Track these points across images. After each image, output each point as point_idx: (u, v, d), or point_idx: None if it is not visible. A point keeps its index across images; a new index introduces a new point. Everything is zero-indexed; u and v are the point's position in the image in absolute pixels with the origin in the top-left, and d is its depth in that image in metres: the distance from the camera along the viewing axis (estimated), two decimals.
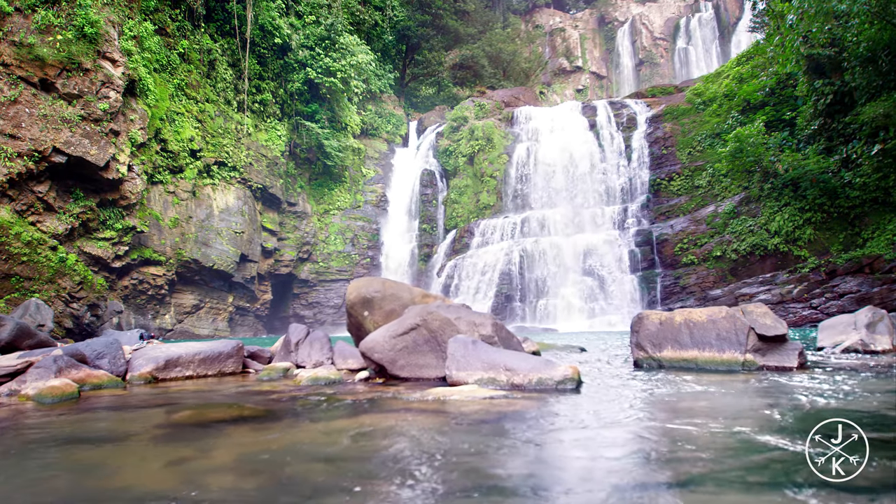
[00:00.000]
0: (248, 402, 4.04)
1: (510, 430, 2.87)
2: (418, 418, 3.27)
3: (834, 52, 20.06)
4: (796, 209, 20.63)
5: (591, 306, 24.12)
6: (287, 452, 2.60)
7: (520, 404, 3.49)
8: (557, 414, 3.24)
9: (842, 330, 6.82)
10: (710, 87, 27.92)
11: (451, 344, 4.35)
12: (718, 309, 5.18)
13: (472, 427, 2.99)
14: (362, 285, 6.07)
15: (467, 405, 3.52)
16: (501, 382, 4.06)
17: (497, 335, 4.72)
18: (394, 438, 2.82)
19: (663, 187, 26.39)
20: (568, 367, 4.05)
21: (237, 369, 6.02)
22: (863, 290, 17.82)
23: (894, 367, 5.04)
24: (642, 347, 5.51)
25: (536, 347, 7.26)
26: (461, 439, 2.70)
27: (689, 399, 3.70)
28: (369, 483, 2.09)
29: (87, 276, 17.52)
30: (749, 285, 21.24)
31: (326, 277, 29.83)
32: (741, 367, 4.85)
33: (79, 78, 17.36)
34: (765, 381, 4.27)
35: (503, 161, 29.22)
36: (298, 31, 27.44)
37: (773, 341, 4.88)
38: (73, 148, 17.10)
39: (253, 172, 25.86)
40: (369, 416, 3.41)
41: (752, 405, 3.41)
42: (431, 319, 4.81)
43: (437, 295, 6.38)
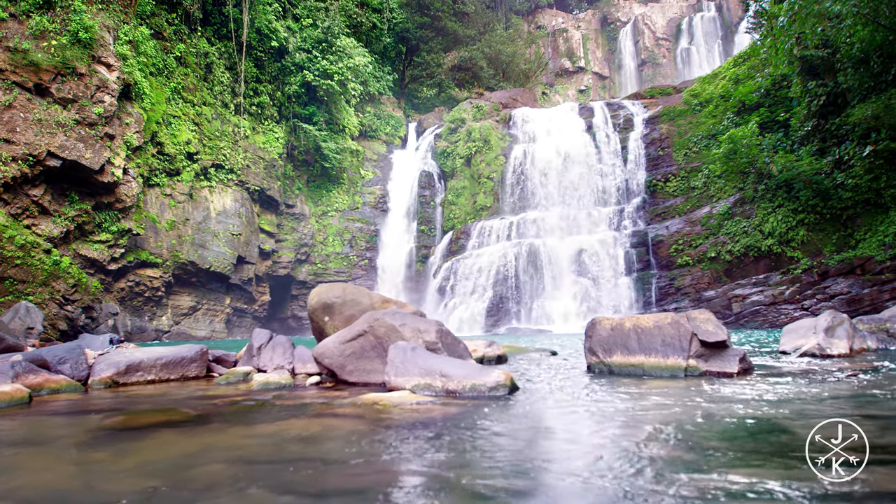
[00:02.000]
0: (189, 406, 4.16)
1: (419, 435, 2.97)
2: (339, 422, 3.37)
3: (827, 53, 20.03)
4: (789, 210, 20.61)
5: (586, 307, 24.14)
6: (196, 455, 2.72)
7: (442, 410, 3.58)
8: (474, 419, 3.33)
9: (802, 334, 6.88)
10: (706, 88, 27.90)
11: (391, 350, 4.45)
12: (665, 315, 5.25)
13: (384, 432, 3.09)
14: (323, 291, 6.18)
15: (392, 410, 3.62)
16: (437, 388, 4.16)
17: (441, 341, 4.82)
18: (304, 442, 2.93)
19: (659, 188, 26.39)
20: (501, 373, 4.15)
21: (201, 373, 6.14)
22: (853, 292, 17.78)
23: (836, 371, 5.10)
24: (594, 353, 5.60)
25: (503, 352, 7.35)
26: (365, 444, 2.80)
27: (614, 406, 3.79)
28: (258, 483, 2.21)
29: (82, 279, 17.74)
30: (742, 286, 21.22)
31: (325, 279, 29.95)
32: (684, 373, 4.93)
33: (73, 83, 17.58)
34: (699, 388, 4.34)
35: (500, 162, 29.29)
36: (295, 34, 27.60)
37: (715, 347, 4.95)
38: (68, 152, 17.32)
39: (250, 175, 26.05)
40: (295, 420, 3.52)
41: (668, 413, 3.49)
42: (378, 326, 4.91)
43: (397, 300, 6.48)
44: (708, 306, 22.00)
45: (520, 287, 24.69)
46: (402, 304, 6.34)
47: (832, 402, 3.60)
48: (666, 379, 4.88)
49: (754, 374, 5.05)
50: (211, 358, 6.53)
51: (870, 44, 18.31)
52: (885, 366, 5.39)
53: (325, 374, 5.24)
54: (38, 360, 5.29)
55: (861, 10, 17.17)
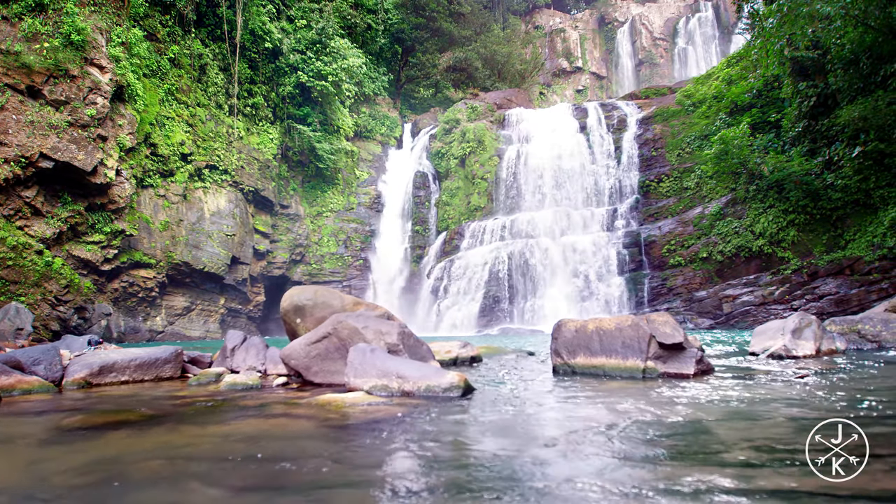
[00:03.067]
0: (151, 406, 4.26)
1: (358, 433, 3.06)
2: (289, 422, 3.48)
3: (817, 54, 20.11)
4: (780, 211, 20.69)
5: (578, 308, 24.22)
6: (141, 452, 2.83)
7: (389, 410, 3.68)
8: (417, 420, 3.42)
9: (771, 335, 6.96)
10: (700, 88, 27.99)
11: (351, 352, 4.55)
12: (626, 317, 5.35)
13: (327, 431, 3.19)
14: (295, 293, 6.28)
15: (343, 411, 3.72)
16: (393, 389, 4.26)
17: (403, 343, 4.92)
18: (247, 441, 3.03)
19: (652, 189, 26.47)
20: (455, 375, 4.24)
21: (175, 374, 6.24)
22: (841, 292, 17.87)
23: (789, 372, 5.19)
24: (559, 354, 5.69)
25: (477, 352, 7.44)
26: (305, 443, 2.90)
27: (559, 406, 3.88)
28: (189, 478, 2.33)
29: (74, 280, 17.85)
30: (733, 287, 21.30)
31: (319, 279, 30.08)
32: (642, 374, 5.02)
33: (66, 84, 17.68)
34: (650, 389, 4.44)
35: (494, 163, 29.39)
36: (289, 35, 27.71)
37: (672, 349, 5.04)
38: (61, 153, 17.43)
39: (244, 175, 26.15)
40: (248, 419, 3.62)
41: (606, 415, 3.59)
42: (341, 328, 5.01)
43: (368, 302, 6.58)
44: (699, 306, 22.13)
45: (513, 287, 24.79)
46: (374, 307, 6.43)
47: (767, 403, 3.69)
48: (625, 380, 4.97)
49: (713, 375, 5.14)
50: (186, 359, 6.63)
51: (860, 45, 18.38)
52: (841, 367, 5.49)
53: (293, 375, 5.34)
54: (12, 362, 5.39)
55: (850, 11, 17.25)
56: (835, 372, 5.14)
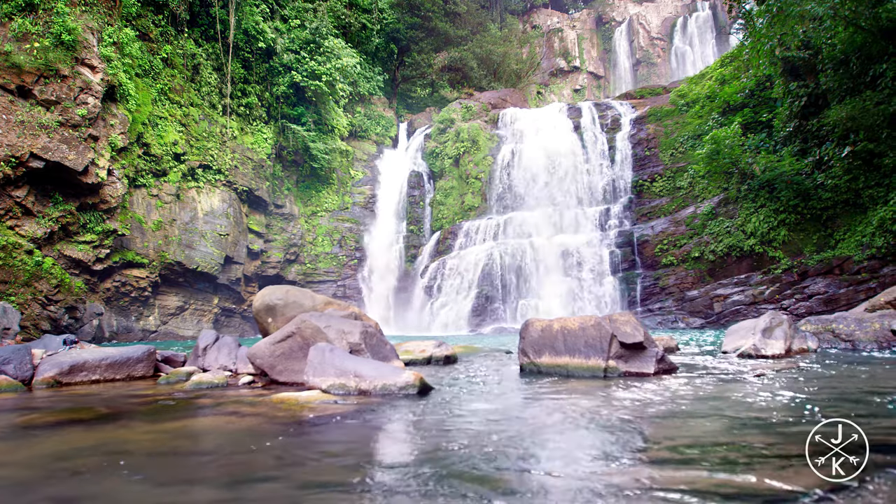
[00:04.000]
0: (110, 404, 4.31)
1: (302, 431, 3.11)
2: (238, 420, 3.52)
3: (808, 54, 20.13)
4: (771, 210, 20.72)
5: (571, 307, 24.25)
6: (83, 448, 2.88)
7: (339, 408, 3.72)
8: (365, 418, 3.47)
9: (743, 335, 7.00)
10: (693, 88, 28.01)
11: (311, 351, 4.59)
12: (590, 317, 5.39)
13: (271, 428, 3.23)
14: (267, 293, 6.32)
15: (294, 409, 3.76)
16: (350, 388, 4.30)
17: (365, 342, 4.96)
18: (190, 437, 3.08)
19: (646, 188, 26.50)
20: (411, 374, 4.28)
21: (147, 373, 6.28)
22: (830, 292, 17.91)
23: (748, 371, 5.23)
24: (526, 353, 5.73)
25: (452, 352, 7.48)
26: (246, 439, 2.94)
27: (514, 407, 3.92)
28: (121, 473, 2.38)
29: (65, 279, 17.90)
30: (724, 286, 21.34)
31: (314, 279, 30.13)
32: (603, 373, 5.06)
33: (56, 84, 17.72)
34: (607, 388, 4.48)
35: (488, 163, 29.42)
36: (283, 34, 27.75)
37: (633, 348, 5.08)
38: (51, 153, 17.47)
39: (238, 175, 26.19)
40: (199, 417, 3.67)
41: (554, 414, 3.63)
42: (304, 328, 5.05)
43: (340, 302, 6.62)
44: (691, 306, 22.18)
45: (505, 287, 24.82)
46: (346, 307, 6.48)
47: (706, 402, 3.73)
48: (587, 379, 5.01)
49: (674, 374, 5.18)
50: (160, 358, 6.68)
51: (850, 45, 18.41)
52: (802, 367, 5.52)
53: (259, 375, 5.39)
54: None
55: (839, 11, 17.28)
56: (793, 372, 5.18)
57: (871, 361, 6.08)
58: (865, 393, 3.92)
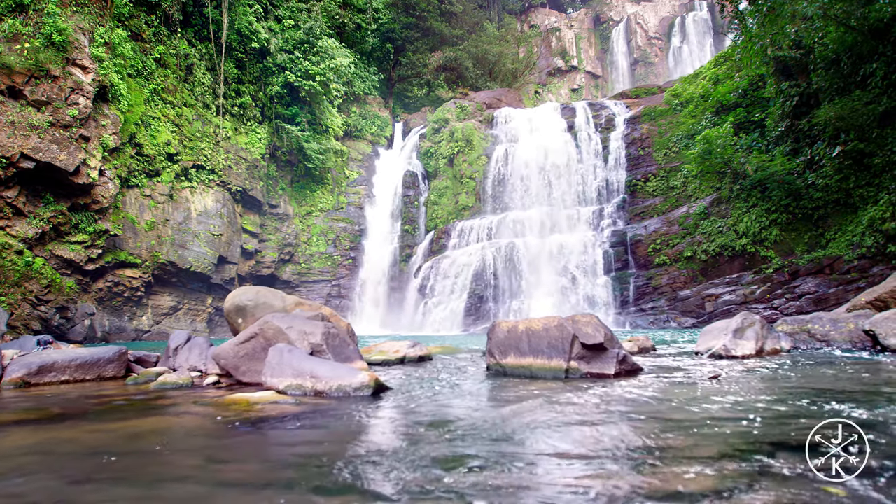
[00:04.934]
0: (66, 405, 4.33)
1: (240, 431, 3.13)
2: (186, 420, 3.55)
3: (800, 54, 20.12)
4: (763, 210, 20.72)
5: (564, 307, 24.25)
6: (17, 448, 2.91)
7: (288, 409, 3.75)
8: (311, 419, 3.48)
9: (716, 335, 7.01)
10: (687, 88, 28.01)
11: (270, 352, 4.62)
12: (553, 318, 5.40)
13: (214, 429, 3.25)
14: (238, 294, 6.35)
15: (244, 409, 3.78)
16: (307, 388, 4.32)
17: (326, 343, 4.98)
18: (129, 437, 3.10)
19: (639, 188, 26.50)
20: (366, 375, 4.30)
21: (119, 373, 6.31)
22: (820, 291, 17.91)
23: (705, 373, 5.24)
24: (492, 354, 5.75)
25: (427, 352, 7.50)
26: (185, 439, 2.97)
27: (465, 408, 3.94)
28: (48, 471, 2.41)
29: (56, 279, 17.94)
30: (716, 286, 21.35)
31: (309, 278, 30.19)
32: (565, 374, 5.08)
33: (47, 85, 17.75)
34: (565, 389, 4.49)
35: (482, 162, 29.44)
36: (277, 35, 27.77)
37: (595, 349, 5.09)
38: (42, 154, 17.50)
39: (232, 175, 26.22)
40: (147, 417, 3.70)
41: (498, 415, 3.64)
42: (267, 328, 5.08)
43: (311, 303, 6.64)
44: (683, 305, 22.19)
45: (498, 287, 24.83)
46: (317, 307, 6.49)
47: (653, 405, 3.75)
48: (549, 380, 5.03)
49: (636, 375, 5.19)
50: (132, 359, 6.70)
51: (841, 45, 18.40)
52: (765, 368, 5.53)
53: (225, 375, 5.41)
54: None
55: (829, 11, 17.29)
56: (751, 373, 5.19)
57: (840, 362, 6.09)
58: (808, 394, 3.93)
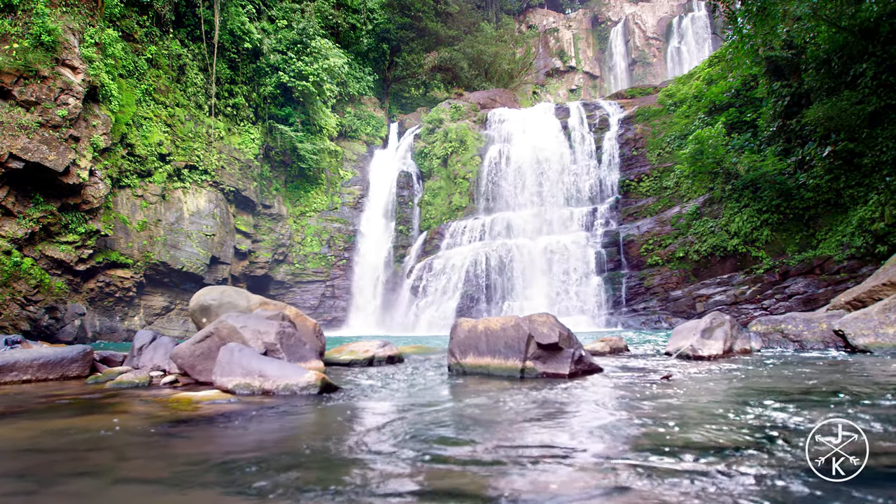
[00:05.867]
0: (11, 404, 4.32)
1: (167, 430, 3.12)
2: (122, 418, 3.54)
3: (792, 54, 20.08)
4: (755, 210, 20.68)
5: (556, 308, 24.21)
6: None
7: (232, 407, 3.74)
8: (245, 419, 3.47)
9: (685, 335, 6.99)
10: (681, 88, 27.97)
11: (221, 351, 4.61)
12: (510, 318, 5.39)
13: (148, 427, 3.24)
14: (202, 294, 6.34)
15: (184, 409, 3.77)
16: (255, 387, 4.31)
17: (280, 343, 4.97)
18: (59, 435, 3.10)
19: (633, 188, 26.47)
20: (312, 374, 4.29)
21: (83, 373, 6.30)
22: (809, 292, 17.87)
23: (657, 374, 5.22)
24: (453, 354, 5.74)
25: (397, 352, 7.48)
26: (110, 438, 2.96)
27: (409, 408, 3.93)
28: None
29: (44, 280, 17.95)
30: (707, 286, 21.31)
31: (303, 279, 30.20)
32: (520, 374, 5.06)
33: (36, 85, 17.77)
34: (517, 389, 4.48)
35: (476, 163, 29.42)
36: (270, 35, 27.78)
37: (550, 349, 5.08)
38: (31, 154, 17.52)
39: (225, 175, 26.23)
40: (86, 416, 3.69)
41: (433, 416, 3.63)
42: (221, 328, 5.07)
43: (277, 303, 6.63)
44: (674, 306, 22.14)
45: (490, 287, 24.80)
46: (282, 306, 6.48)
47: (589, 406, 3.73)
48: (504, 379, 5.01)
49: (593, 375, 5.18)
50: (98, 358, 6.69)
51: (832, 45, 18.36)
52: (725, 369, 5.51)
53: (183, 374, 5.40)
54: None
55: (819, 11, 17.27)
56: (711, 373, 5.16)
57: (806, 362, 6.06)
58: (750, 395, 3.91)
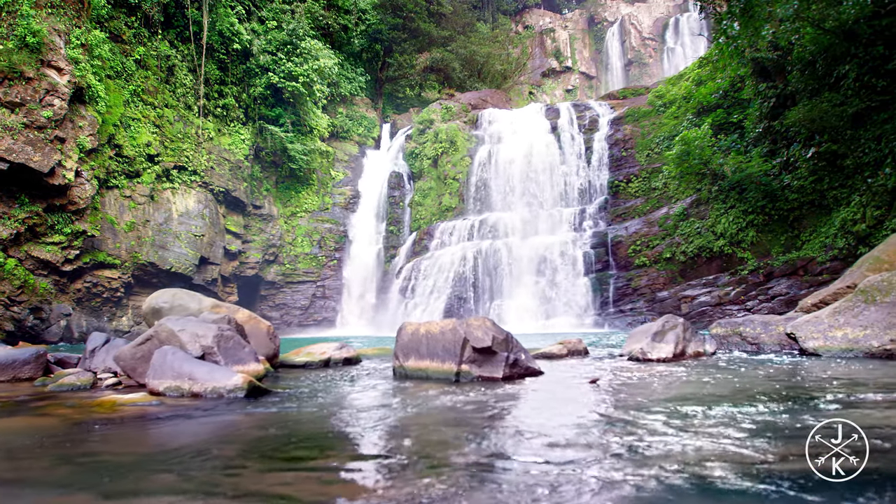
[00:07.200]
0: None
1: (74, 431, 3.16)
2: (39, 420, 3.60)
3: (777, 55, 20.10)
4: (740, 212, 20.72)
5: (544, 308, 24.28)
6: None
7: (153, 410, 3.80)
8: (164, 420, 3.52)
9: (639, 338, 7.02)
10: (671, 89, 28.00)
11: (155, 354, 4.66)
12: (449, 321, 5.43)
13: (53, 428, 3.29)
14: (155, 296, 6.39)
15: (104, 410, 3.82)
16: (184, 390, 4.37)
17: (218, 345, 5.02)
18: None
19: (622, 189, 26.50)
20: (240, 377, 4.34)
21: (35, 375, 6.35)
22: (791, 293, 17.89)
23: (589, 377, 5.26)
24: (397, 357, 5.78)
25: (354, 354, 7.53)
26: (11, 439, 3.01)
27: (343, 411, 3.98)
28: None
29: (29, 280, 18.02)
30: (693, 287, 21.34)
31: (293, 279, 30.26)
32: (455, 377, 5.10)
33: (21, 86, 17.84)
34: (443, 394, 4.52)
35: (466, 163, 29.46)
36: (260, 36, 27.84)
37: (485, 353, 5.12)
38: (16, 155, 17.59)
39: (215, 176, 26.29)
40: (6, 418, 3.73)
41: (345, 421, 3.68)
42: (160, 331, 5.12)
43: (230, 305, 6.67)
44: (661, 307, 22.14)
45: (478, 288, 24.85)
46: (235, 309, 6.53)
47: (496, 411, 3.78)
48: (441, 383, 5.05)
49: (528, 378, 5.22)
50: (52, 360, 6.74)
51: (816, 46, 18.37)
52: (665, 372, 5.55)
53: (126, 377, 5.45)
54: None
55: (801, 13, 17.29)
56: (649, 377, 5.20)
57: (753, 365, 6.09)
58: (669, 400, 3.95)
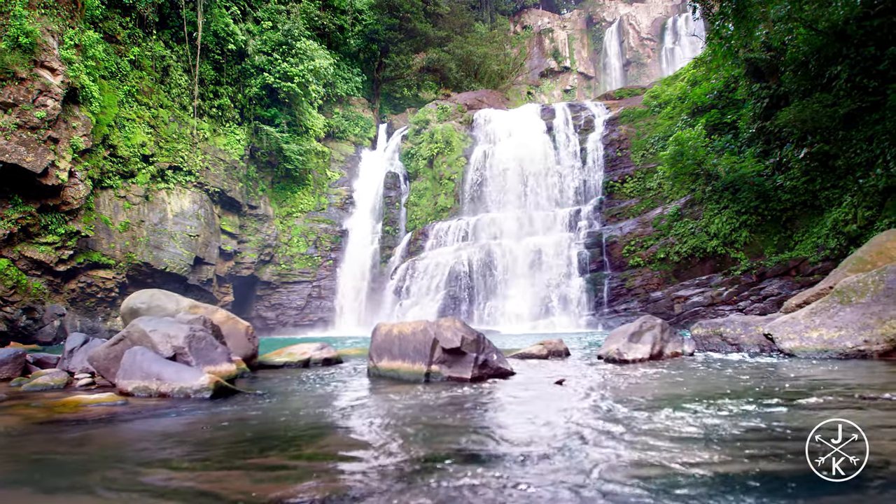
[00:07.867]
0: None
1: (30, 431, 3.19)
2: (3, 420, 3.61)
3: (771, 55, 20.12)
4: (734, 212, 20.73)
5: (538, 308, 24.30)
6: None
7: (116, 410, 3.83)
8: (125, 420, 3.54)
9: (617, 339, 7.04)
10: (666, 89, 28.02)
11: (125, 355, 4.69)
12: (421, 322, 5.46)
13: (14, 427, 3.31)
14: (133, 297, 6.42)
15: (66, 410, 3.85)
16: (152, 390, 4.40)
17: (189, 346, 5.04)
18: None
19: (616, 189, 26.52)
20: (207, 378, 4.36)
21: (14, 375, 6.38)
22: (783, 293, 17.88)
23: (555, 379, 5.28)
24: (371, 357, 5.81)
25: (335, 354, 7.56)
26: None
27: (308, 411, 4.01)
28: None
29: (21, 280, 18.06)
30: (686, 287, 21.34)
31: (289, 279, 30.29)
32: (425, 378, 5.13)
33: (14, 87, 17.88)
34: (410, 394, 4.54)
35: (461, 164, 29.49)
36: (255, 36, 27.87)
37: (455, 353, 5.14)
38: (9, 155, 17.62)
39: (210, 176, 26.32)
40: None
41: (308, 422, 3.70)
42: (133, 332, 5.15)
43: (206, 306, 6.70)
44: (654, 307, 22.15)
45: (473, 288, 24.87)
46: (214, 310, 6.56)
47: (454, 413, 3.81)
48: (411, 383, 5.08)
49: (498, 379, 5.24)
50: (31, 360, 6.78)
51: (809, 47, 18.40)
52: (637, 373, 5.57)
53: (100, 377, 5.48)
54: None
55: (793, 14, 17.32)
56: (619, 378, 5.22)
57: (729, 365, 6.11)
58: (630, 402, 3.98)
